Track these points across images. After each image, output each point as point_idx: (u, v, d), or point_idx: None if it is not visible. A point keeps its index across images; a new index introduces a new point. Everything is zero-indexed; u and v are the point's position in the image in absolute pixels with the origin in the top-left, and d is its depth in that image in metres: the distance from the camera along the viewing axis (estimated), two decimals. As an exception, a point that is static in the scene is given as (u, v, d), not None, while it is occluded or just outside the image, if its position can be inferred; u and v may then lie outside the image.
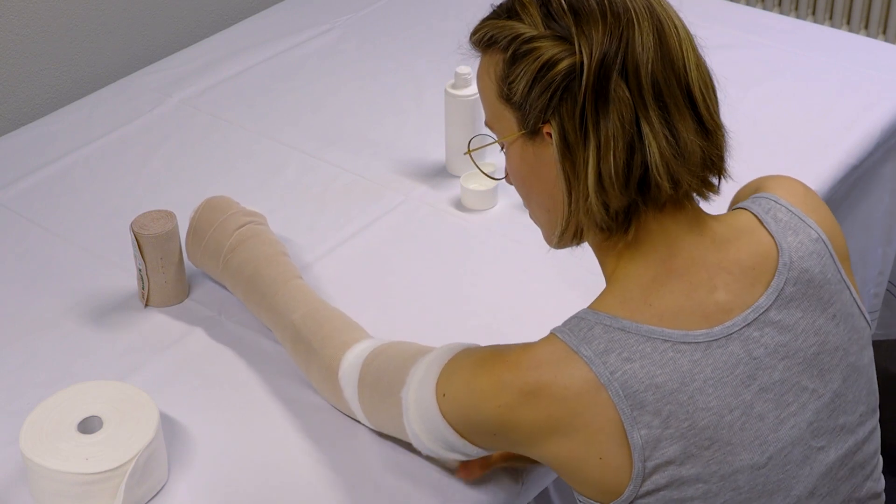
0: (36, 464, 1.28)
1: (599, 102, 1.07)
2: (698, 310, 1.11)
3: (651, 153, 1.08)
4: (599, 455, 1.09)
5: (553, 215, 1.16)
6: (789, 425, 1.12)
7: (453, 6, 2.47)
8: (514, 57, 1.11)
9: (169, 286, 1.62)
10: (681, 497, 1.09)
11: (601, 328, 1.10)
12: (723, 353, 1.10)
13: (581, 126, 1.08)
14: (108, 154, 2.02)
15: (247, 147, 2.03)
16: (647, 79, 1.08)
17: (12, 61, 2.16)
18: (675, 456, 1.08)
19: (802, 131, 1.99)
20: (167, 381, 1.51)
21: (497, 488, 1.35)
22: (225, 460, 1.39)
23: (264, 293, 1.53)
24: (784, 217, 1.18)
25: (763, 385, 1.11)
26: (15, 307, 1.66)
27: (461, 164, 1.89)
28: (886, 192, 2.14)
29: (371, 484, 1.35)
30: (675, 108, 1.09)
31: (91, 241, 1.79)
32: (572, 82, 1.08)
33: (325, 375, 1.40)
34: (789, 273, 1.14)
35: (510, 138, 1.15)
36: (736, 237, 1.15)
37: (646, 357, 1.08)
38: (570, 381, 1.08)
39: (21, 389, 1.50)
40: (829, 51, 2.26)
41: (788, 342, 1.13)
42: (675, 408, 1.08)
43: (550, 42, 1.09)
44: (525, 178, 1.17)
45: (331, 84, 2.21)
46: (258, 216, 1.66)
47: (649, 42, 1.08)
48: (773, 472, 1.11)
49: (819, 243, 1.17)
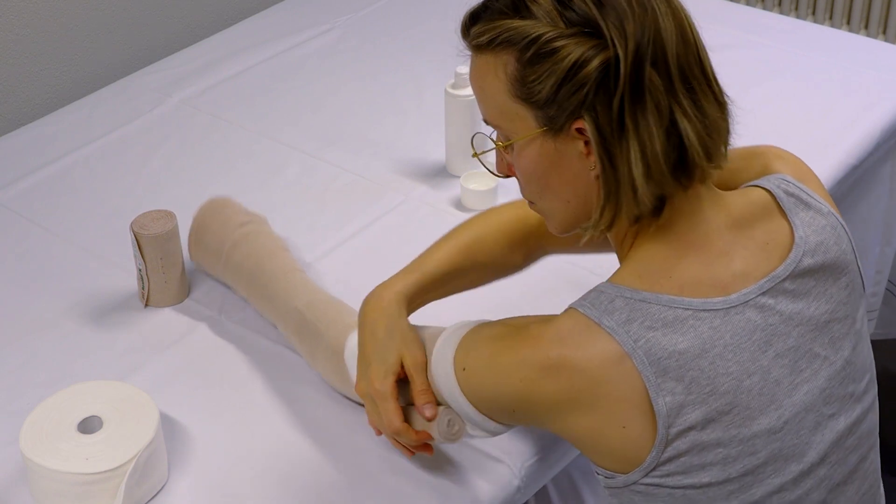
0: (36, 464, 1.28)
1: (635, 94, 1.08)
2: (717, 280, 1.13)
3: (688, 135, 1.09)
4: (623, 424, 1.10)
5: (574, 206, 1.16)
6: (803, 391, 1.14)
7: (453, 6, 2.45)
8: (535, 57, 1.09)
9: (169, 286, 1.62)
10: (700, 462, 1.11)
11: (622, 300, 1.11)
12: (740, 319, 1.12)
13: (619, 119, 1.08)
14: (108, 154, 2.02)
15: (247, 147, 2.03)
16: (674, 63, 1.09)
17: (12, 61, 2.16)
18: (696, 421, 1.10)
19: (802, 131, 1.99)
20: (167, 381, 1.51)
21: (496, 487, 1.35)
22: (225, 460, 1.39)
23: (266, 284, 1.54)
24: (795, 192, 1.20)
25: (778, 351, 1.13)
26: (15, 307, 1.66)
27: (461, 164, 1.90)
28: (886, 191, 2.14)
29: (371, 484, 1.35)
30: (699, 88, 1.11)
31: (91, 241, 1.79)
32: (606, 78, 1.07)
33: (330, 358, 1.41)
34: (806, 246, 1.16)
35: (528, 136, 1.14)
36: (752, 213, 1.18)
37: (668, 325, 1.10)
38: (594, 352, 1.09)
39: (21, 389, 1.50)
40: (829, 51, 2.26)
41: (802, 310, 1.15)
42: (697, 374, 1.09)
43: (575, 40, 1.08)
44: (543, 173, 1.16)
45: (331, 84, 2.21)
46: (259, 216, 1.67)
47: (670, 26, 1.09)
48: (787, 437, 1.13)
49: (831, 216, 1.20)
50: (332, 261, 1.73)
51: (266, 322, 1.59)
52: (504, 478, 1.36)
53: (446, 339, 1.23)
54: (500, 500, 1.35)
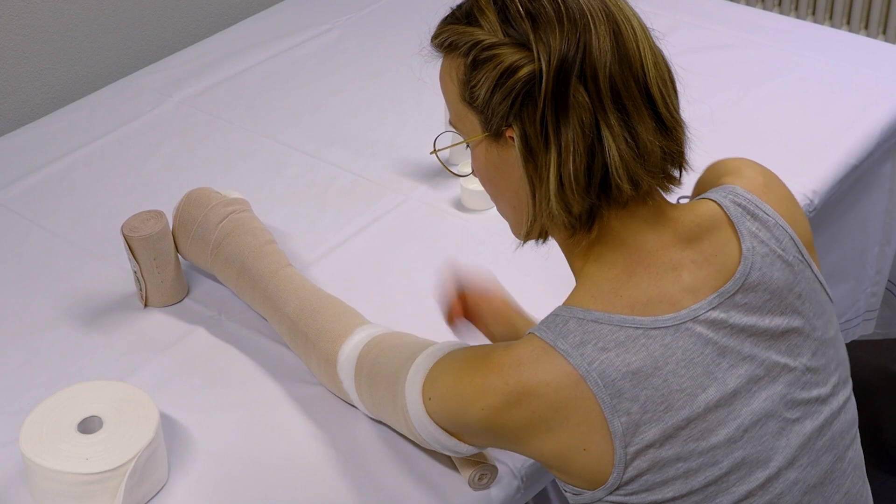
0: (36, 464, 1.28)
1: (559, 108, 1.08)
2: (666, 297, 1.13)
3: (611, 156, 1.09)
4: (583, 446, 1.11)
5: (519, 212, 1.18)
6: (761, 398, 1.14)
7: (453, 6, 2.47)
8: (475, 62, 1.12)
9: (166, 286, 1.62)
10: (662, 479, 1.11)
11: (575, 322, 1.12)
12: (691, 334, 1.12)
13: (542, 131, 1.09)
14: (108, 154, 2.02)
15: (247, 147, 2.03)
16: (606, 82, 1.09)
17: (12, 61, 2.16)
18: (654, 439, 1.10)
19: (802, 131, 1.99)
20: (167, 381, 1.51)
21: (496, 488, 1.35)
22: (225, 460, 1.39)
23: (255, 287, 1.54)
24: (743, 203, 1.19)
25: (732, 362, 1.13)
26: (15, 307, 1.66)
27: (461, 164, 1.90)
28: (885, 191, 2.14)
29: (371, 483, 1.35)
30: (634, 109, 1.10)
31: (91, 241, 1.79)
32: (532, 88, 1.09)
33: (324, 368, 1.42)
34: (753, 258, 1.16)
35: (474, 139, 1.17)
36: (700, 225, 1.17)
37: (620, 345, 1.10)
38: (551, 376, 1.10)
39: (21, 389, 1.50)
40: (829, 51, 2.26)
41: (756, 322, 1.15)
42: (651, 392, 1.10)
43: (510, 49, 1.10)
44: (491, 177, 1.19)
45: (331, 84, 2.21)
46: (240, 203, 1.65)
47: (606, 45, 1.09)
48: (749, 445, 1.13)
49: (777, 228, 1.19)
50: (332, 261, 1.72)
51: (266, 322, 1.59)
52: (504, 478, 1.36)
53: (419, 366, 1.25)
54: (500, 500, 1.35)
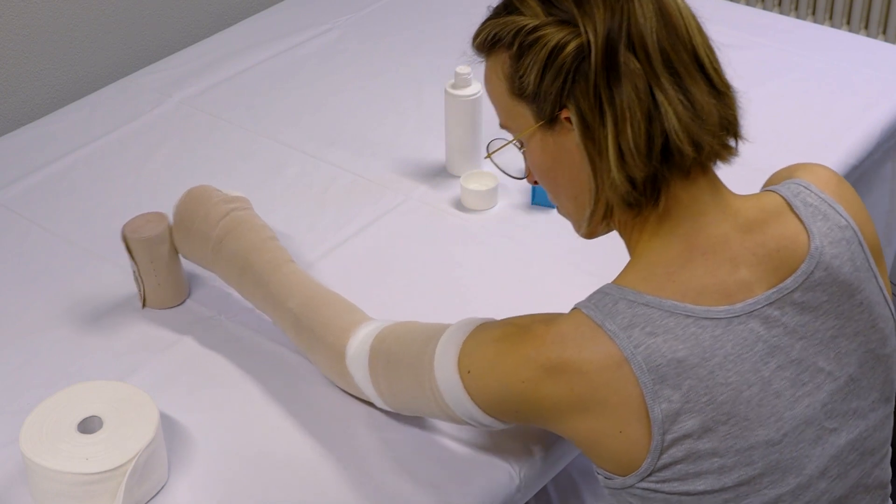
0: (36, 464, 1.28)
1: (611, 77, 1.09)
2: (721, 288, 1.12)
3: (669, 119, 1.10)
4: (620, 429, 1.10)
5: (580, 201, 1.17)
6: (804, 404, 1.14)
7: (453, 6, 2.47)
8: (520, 50, 1.12)
9: (162, 289, 1.61)
10: (696, 471, 1.11)
11: (625, 303, 1.11)
12: (743, 329, 1.11)
13: (597, 104, 1.09)
14: (108, 154, 2.02)
15: (247, 147, 2.03)
16: (655, 48, 1.10)
17: (12, 61, 2.16)
18: (693, 430, 1.09)
19: (802, 131, 1.99)
20: (167, 381, 1.51)
21: (496, 487, 1.35)
22: (225, 460, 1.39)
23: (257, 283, 1.52)
24: (813, 202, 1.19)
25: (780, 363, 1.13)
26: (15, 307, 1.66)
27: (461, 164, 1.90)
28: (886, 192, 2.14)
29: (371, 484, 1.35)
30: (686, 73, 1.11)
31: (91, 241, 1.79)
32: (582, 63, 1.09)
33: (331, 362, 1.41)
34: (820, 258, 1.15)
35: (528, 133, 1.16)
36: (763, 219, 1.17)
37: (669, 332, 1.10)
38: (594, 355, 1.10)
39: (21, 389, 1.50)
40: (829, 51, 2.26)
41: (808, 322, 1.14)
42: (695, 382, 1.09)
43: (554, 28, 1.10)
44: (549, 169, 1.18)
45: (331, 84, 2.21)
46: (241, 200, 1.63)
47: (650, 12, 1.10)
48: (786, 450, 1.13)
49: (848, 230, 1.18)
50: (332, 261, 1.72)
51: (266, 322, 1.59)
52: (504, 478, 1.36)
53: (448, 341, 1.23)
54: (500, 500, 1.35)
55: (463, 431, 1.40)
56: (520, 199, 1.85)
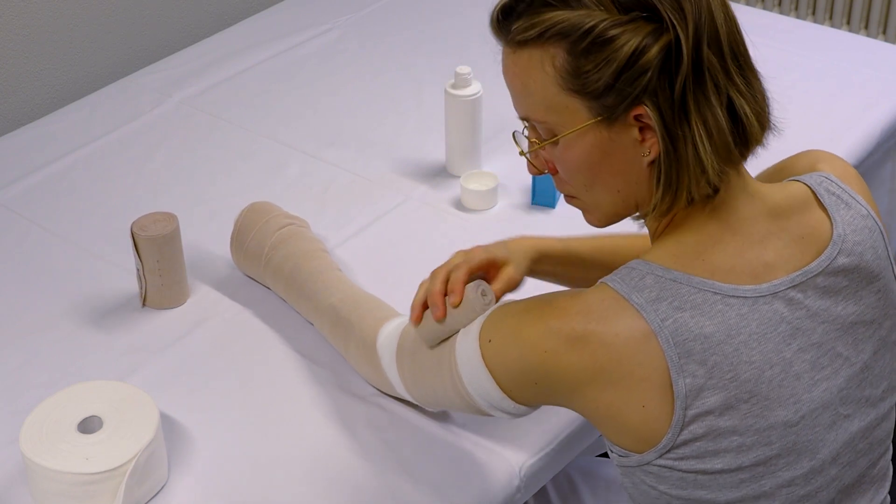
0: (36, 464, 1.28)
1: (697, 75, 1.08)
2: (748, 268, 1.13)
3: (744, 110, 1.11)
4: (643, 403, 1.10)
5: (624, 195, 1.15)
6: (822, 388, 1.15)
7: (453, 6, 2.47)
8: (591, 46, 1.08)
9: (164, 289, 1.62)
10: (715, 449, 1.11)
11: (653, 278, 1.11)
12: (768, 309, 1.12)
13: (681, 101, 1.08)
14: (108, 154, 2.02)
15: (247, 147, 2.03)
16: (725, 41, 1.10)
17: (12, 61, 2.16)
18: (715, 406, 1.10)
19: (802, 131, 1.99)
20: (167, 381, 1.51)
21: (496, 487, 1.35)
22: (225, 460, 1.39)
23: (304, 283, 1.56)
24: (836, 192, 1.21)
25: (802, 345, 1.14)
26: (15, 307, 1.66)
27: (461, 164, 1.90)
28: (886, 192, 2.14)
29: (371, 483, 1.35)
30: (746, 64, 1.13)
31: (91, 241, 1.79)
32: (668, 62, 1.08)
33: (362, 349, 1.42)
34: (843, 244, 1.17)
35: (579, 128, 1.12)
36: (790, 205, 1.18)
37: (696, 307, 1.10)
38: (620, 328, 1.09)
39: (21, 389, 1.50)
40: (829, 51, 2.26)
41: (829, 307, 1.15)
42: (720, 359, 1.10)
43: (633, 26, 1.07)
44: (593, 165, 1.14)
45: (331, 84, 2.21)
46: (300, 220, 1.69)
47: (717, 4, 1.11)
48: (803, 432, 1.13)
49: (869, 219, 1.20)
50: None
51: (266, 322, 1.60)
52: (504, 478, 1.36)
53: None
54: (500, 500, 1.35)
55: (463, 431, 1.41)
56: (520, 199, 1.85)
